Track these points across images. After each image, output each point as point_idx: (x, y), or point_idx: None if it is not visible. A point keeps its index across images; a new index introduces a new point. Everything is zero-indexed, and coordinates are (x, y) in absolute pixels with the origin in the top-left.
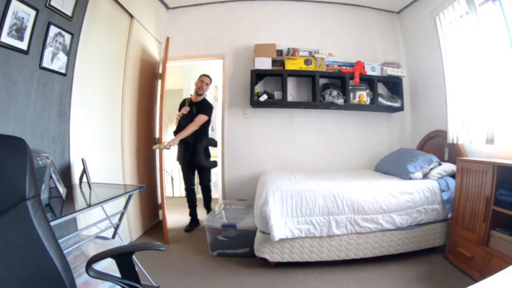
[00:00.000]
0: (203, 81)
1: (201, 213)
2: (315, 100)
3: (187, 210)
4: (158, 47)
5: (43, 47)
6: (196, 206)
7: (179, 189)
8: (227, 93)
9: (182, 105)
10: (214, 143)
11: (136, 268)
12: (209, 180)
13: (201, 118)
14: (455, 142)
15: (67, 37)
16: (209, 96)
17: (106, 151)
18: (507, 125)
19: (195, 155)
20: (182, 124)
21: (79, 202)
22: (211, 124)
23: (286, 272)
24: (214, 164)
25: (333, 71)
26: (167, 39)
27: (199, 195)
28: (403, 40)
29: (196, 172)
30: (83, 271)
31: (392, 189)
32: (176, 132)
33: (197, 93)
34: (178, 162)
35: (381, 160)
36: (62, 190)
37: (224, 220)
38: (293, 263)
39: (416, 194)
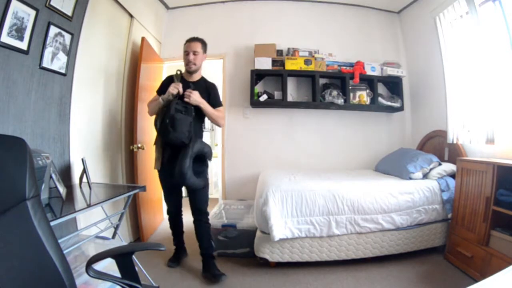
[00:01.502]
0: (190, 49)
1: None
2: (315, 100)
3: (188, 211)
4: (158, 47)
5: (43, 47)
6: (183, 232)
7: None
8: (227, 93)
9: (168, 83)
10: (209, 153)
11: (136, 268)
12: (205, 205)
13: (223, 112)
14: (455, 142)
15: (67, 37)
16: None
17: (106, 151)
18: (507, 125)
19: (179, 165)
20: (174, 118)
21: (79, 202)
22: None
23: (286, 272)
24: (201, 183)
25: (333, 71)
26: (143, 39)
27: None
28: (403, 40)
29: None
30: (83, 271)
31: (392, 189)
32: (162, 134)
33: (189, 71)
34: (159, 177)
35: (381, 160)
36: (62, 190)
37: (224, 220)
38: (293, 263)
39: (416, 194)
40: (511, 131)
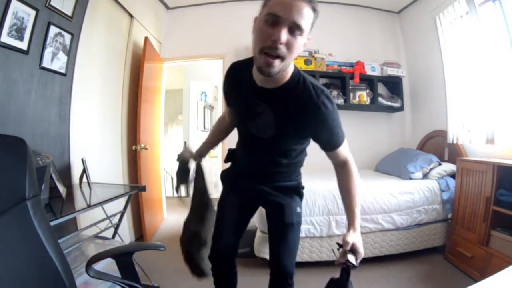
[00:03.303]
0: (286, 16)
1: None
2: None
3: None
4: (158, 47)
5: (43, 47)
6: None
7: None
8: None
9: (236, 86)
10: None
11: (136, 268)
12: (291, 259)
13: (350, 157)
14: (455, 142)
15: (67, 37)
16: (209, 95)
17: (106, 151)
18: (507, 125)
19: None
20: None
21: (79, 202)
22: None
23: None
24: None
25: (333, 71)
26: (146, 39)
27: None
28: (403, 40)
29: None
30: (83, 271)
31: (392, 189)
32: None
33: (264, 71)
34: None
35: (381, 160)
36: (62, 190)
37: None
38: None
39: (416, 194)
40: (511, 131)
